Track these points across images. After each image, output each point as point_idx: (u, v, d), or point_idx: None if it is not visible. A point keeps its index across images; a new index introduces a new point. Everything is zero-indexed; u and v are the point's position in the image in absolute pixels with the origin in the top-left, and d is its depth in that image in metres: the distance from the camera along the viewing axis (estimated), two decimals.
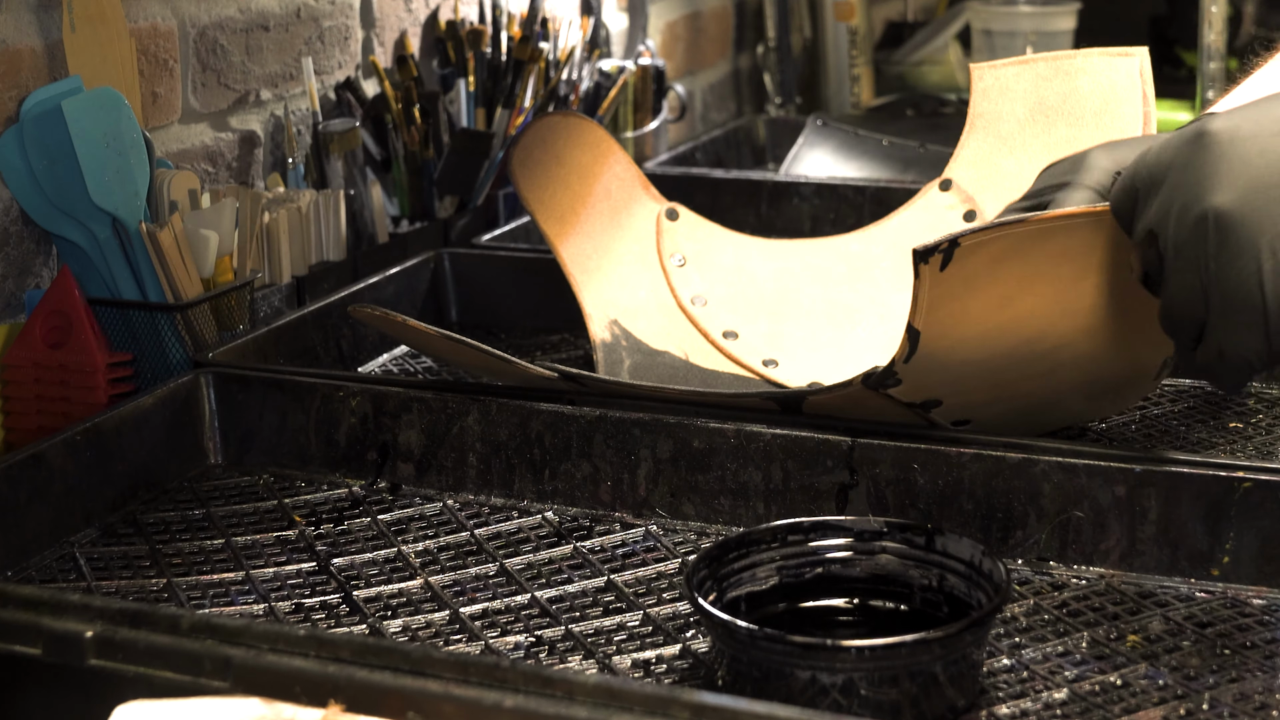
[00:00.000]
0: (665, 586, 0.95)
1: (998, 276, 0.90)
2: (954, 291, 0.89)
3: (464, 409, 1.07)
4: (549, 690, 0.70)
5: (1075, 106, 1.19)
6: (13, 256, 1.18)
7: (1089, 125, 1.19)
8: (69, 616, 0.77)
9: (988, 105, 1.24)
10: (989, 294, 0.90)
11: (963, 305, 0.90)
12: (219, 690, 0.73)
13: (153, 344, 1.17)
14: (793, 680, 0.77)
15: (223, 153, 1.39)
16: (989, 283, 0.90)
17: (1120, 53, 1.19)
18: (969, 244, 0.87)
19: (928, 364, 0.93)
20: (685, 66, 2.17)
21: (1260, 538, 0.91)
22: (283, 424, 1.12)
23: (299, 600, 0.95)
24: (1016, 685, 0.83)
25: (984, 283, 0.90)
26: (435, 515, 1.06)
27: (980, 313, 0.91)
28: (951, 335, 0.92)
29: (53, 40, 1.20)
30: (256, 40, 1.41)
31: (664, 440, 1.03)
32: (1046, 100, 1.21)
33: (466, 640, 0.90)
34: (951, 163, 1.26)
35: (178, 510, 1.07)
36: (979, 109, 1.25)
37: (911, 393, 0.96)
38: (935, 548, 0.86)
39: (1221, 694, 0.81)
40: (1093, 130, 1.18)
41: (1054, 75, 1.21)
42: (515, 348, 1.38)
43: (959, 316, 0.91)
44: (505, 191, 1.59)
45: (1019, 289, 0.90)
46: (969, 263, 0.88)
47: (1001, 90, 1.23)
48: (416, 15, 1.63)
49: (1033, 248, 0.89)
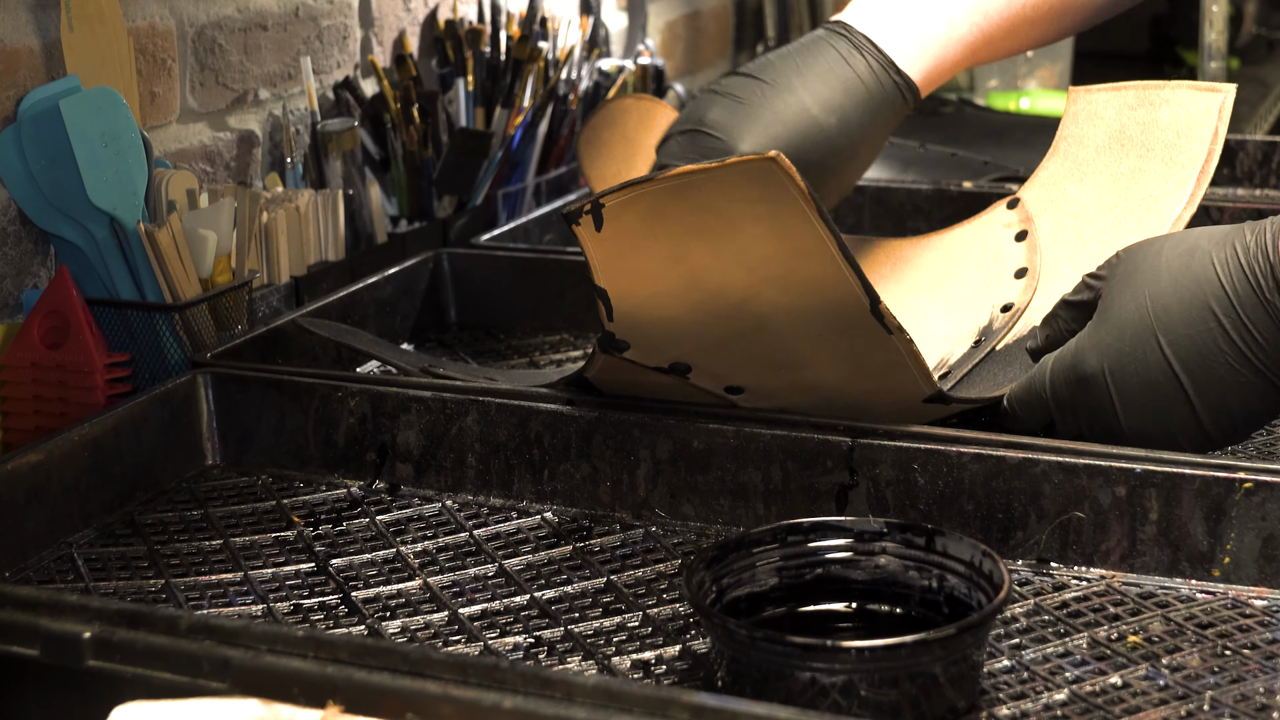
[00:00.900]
0: (665, 587, 0.95)
1: (655, 233, 0.91)
2: (619, 249, 0.92)
3: (463, 409, 1.07)
4: (548, 691, 0.70)
5: (1149, 138, 1.18)
6: (10, 256, 1.18)
7: (1156, 158, 1.17)
8: (67, 617, 0.77)
9: (1074, 129, 1.23)
10: (654, 249, 0.92)
11: (635, 263, 0.93)
12: (217, 691, 0.73)
13: (151, 344, 1.17)
14: (792, 681, 0.77)
15: (221, 152, 1.38)
16: (649, 239, 0.92)
17: (1207, 87, 1.18)
18: (612, 204, 0.90)
19: (635, 323, 0.96)
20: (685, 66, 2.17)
21: (1261, 538, 0.91)
22: (281, 424, 1.11)
23: (297, 601, 0.95)
24: (1017, 686, 0.83)
25: (644, 239, 0.92)
26: (434, 516, 1.06)
27: (656, 269, 0.93)
28: (639, 292, 0.94)
29: (50, 39, 1.20)
30: (255, 40, 1.41)
31: (663, 440, 1.02)
32: (1128, 129, 1.20)
33: (465, 641, 0.90)
34: (1028, 182, 1.25)
35: (176, 511, 1.06)
36: (1066, 132, 1.23)
37: (648, 356, 0.98)
38: (935, 548, 0.86)
39: (1222, 695, 0.81)
40: (1158, 164, 1.17)
41: (1139, 104, 1.20)
42: (515, 348, 1.37)
43: (636, 273, 0.93)
44: (504, 191, 1.59)
45: (681, 244, 0.91)
46: (623, 221, 0.90)
47: (1090, 115, 1.22)
48: (415, 14, 1.62)
49: (675, 202, 0.90)
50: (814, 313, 0.94)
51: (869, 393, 0.99)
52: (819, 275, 0.91)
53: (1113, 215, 1.17)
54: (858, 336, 0.94)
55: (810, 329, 0.95)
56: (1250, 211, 1.47)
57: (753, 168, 0.86)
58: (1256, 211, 1.46)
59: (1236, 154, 1.73)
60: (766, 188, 0.87)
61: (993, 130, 1.88)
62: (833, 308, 0.93)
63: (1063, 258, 1.18)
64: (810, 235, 0.89)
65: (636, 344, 0.98)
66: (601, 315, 0.96)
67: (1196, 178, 1.14)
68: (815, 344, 0.96)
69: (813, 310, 0.94)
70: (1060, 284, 1.16)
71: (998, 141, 1.82)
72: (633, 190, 0.89)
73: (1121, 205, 1.17)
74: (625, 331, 0.97)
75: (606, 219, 0.90)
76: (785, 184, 0.87)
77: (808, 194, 0.87)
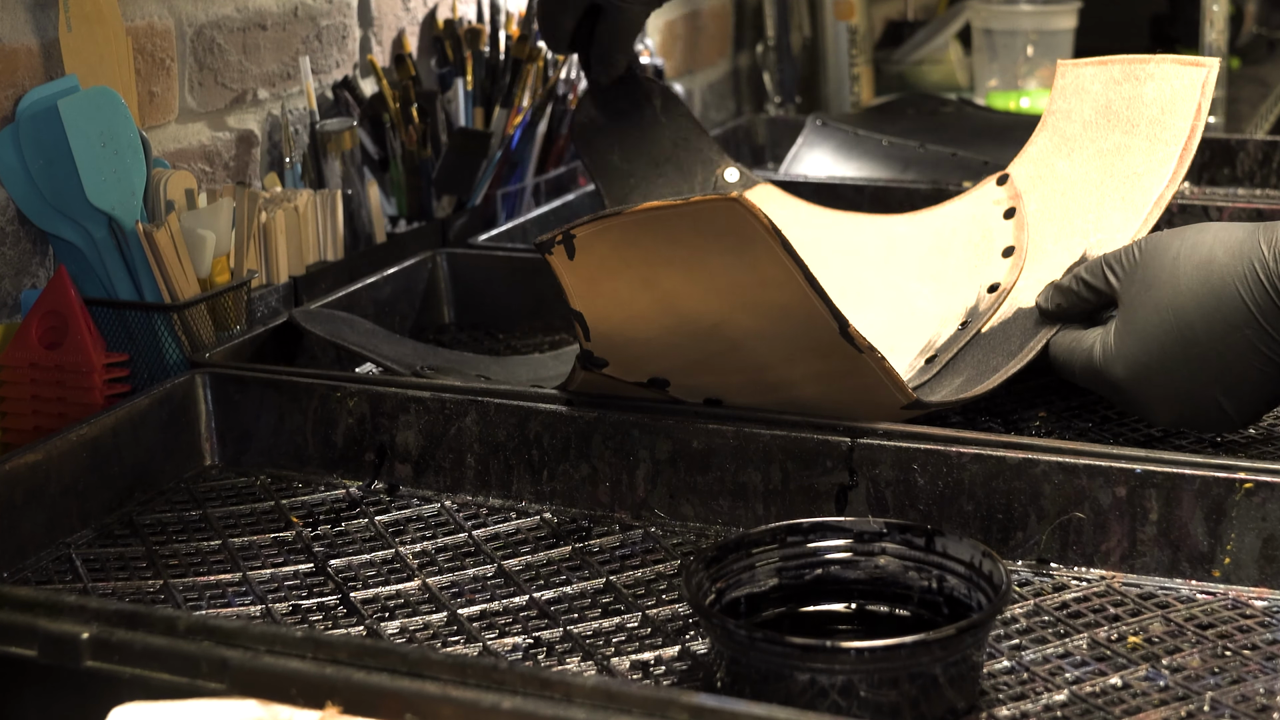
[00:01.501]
0: (664, 588, 0.95)
1: (628, 260, 0.93)
2: (592, 276, 0.93)
3: (462, 409, 1.07)
4: (547, 692, 0.70)
5: (1134, 113, 1.18)
6: (9, 256, 1.18)
7: (1141, 134, 1.18)
8: (65, 618, 0.77)
9: (1062, 103, 1.23)
10: (627, 276, 0.93)
11: (609, 287, 0.94)
12: (216, 692, 0.73)
13: (149, 344, 1.17)
14: (792, 682, 0.77)
15: (220, 152, 1.38)
16: (621, 266, 0.93)
17: (1191, 61, 1.18)
18: (583, 234, 0.91)
19: (612, 343, 0.98)
20: (684, 65, 2.17)
21: (1261, 539, 0.91)
22: (279, 425, 1.11)
23: (296, 602, 0.95)
24: (1017, 687, 0.83)
25: (617, 266, 0.93)
26: (433, 516, 1.05)
27: (629, 293, 0.94)
28: (615, 315, 0.96)
29: (49, 39, 1.20)
30: (254, 39, 1.41)
31: (663, 441, 1.02)
32: (1114, 104, 1.20)
33: (464, 642, 0.90)
34: (1017, 158, 1.26)
35: (174, 511, 1.06)
36: (1054, 106, 1.24)
37: (627, 372, 1.00)
38: (935, 549, 0.86)
39: (1223, 696, 0.81)
40: (1143, 140, 1.17)
41: (1125, 79, 1.20)
42: (513, 348, 1.37)
43: (610, 297, 0.95)
44: (504, 191, 1.59)
45: (653, 271, 0.93)
46: (595, 250, 0.92)
47: (1078, 89, 1.22)
48: (414, 14, 1.62)
49: (644, 234, 0.91)
50: (786, 336, 0.95)
51: (847, 404, 1.00)
52: (788, 303, 0.92)
53: (1098, 193, 1.18)
54: (830, 356, 0.96)
55: (783, 350, 0.97)
56: (1250, 212, 1.46)
57: (717, 207, 0.87)
58: (1256, 212, 1.46)
59: (1237, 154, 1.73)
60: (731, 223, 0.88)
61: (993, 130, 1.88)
62: (803, 331, 0.94)
63: (1049, 236, 1.19)
64: (777, 266, 0.90)
65: (615, 361, 0.99)
66: (579, 336, 0.98)
67: (1179, 155, 1.15)
68: (789, 364, 0.98)
69: (784, 334, 0.95)
70: (1046, 263, 1.16)
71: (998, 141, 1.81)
72: (603, 222, 0.91)
73: (1106, 183, 1.18)
74: (603, 350, 0.98)
75: (579, 248, 0.92)
76: (749, 220, 0.87)
77: (771, 229, 0.88)
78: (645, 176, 1.38)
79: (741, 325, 0.95)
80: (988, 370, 1.08)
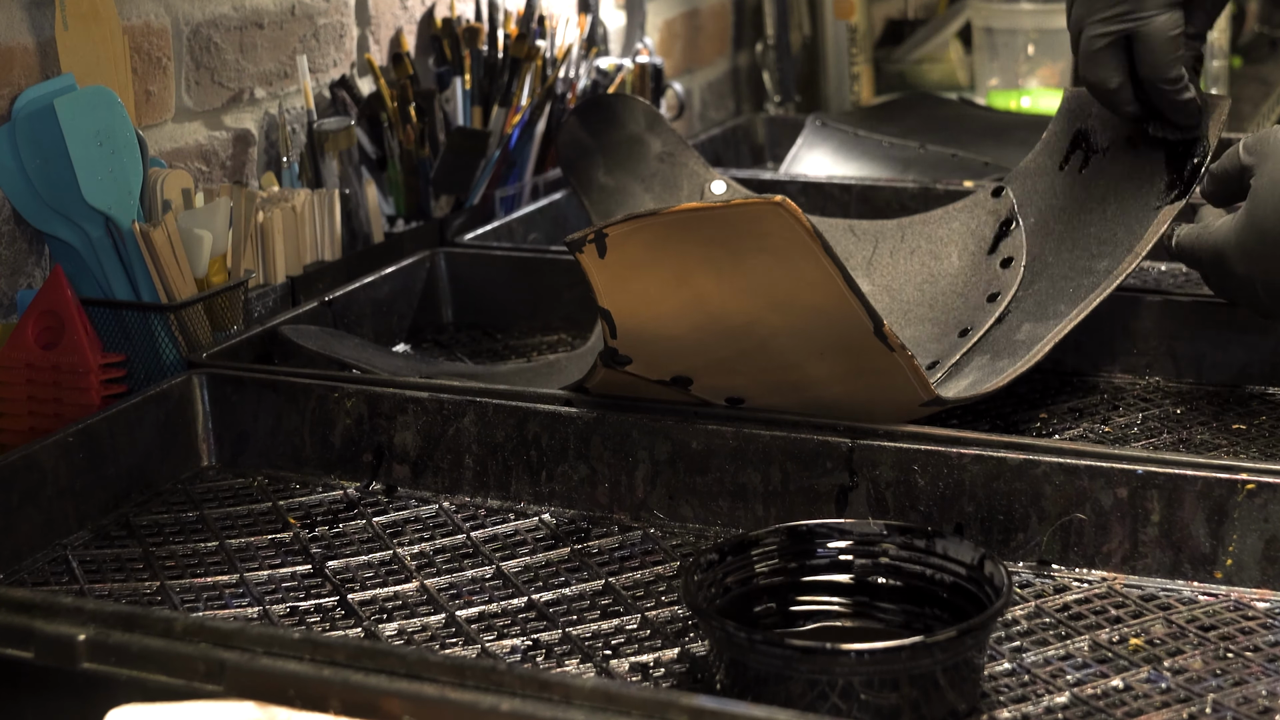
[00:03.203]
0: (663, 589, 0.95)
1: (660, 260, 0.93)
2: (623, 275, 0.94)
3: (460, 410, 1.07)
4: (546, 694, 0.70)
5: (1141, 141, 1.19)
6: (4, 256, 1.18)
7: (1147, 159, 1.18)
8: (61, 620, 0.77)
9: (1062, 126, 1.24)
10: (658, 275, 0.94)
11: (639, 286, 0.95)
12: (213, 694, 0.73)
13: (146, 344, 1.17)
14: (791, 684, 0.76)
15: (217, 151, 1.38)
16: (653, 266, 0.93)
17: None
18: (615, 234, 0.91)
19: (639, 340, 0.97)
20: (683, 64, 2.16)
21: (1264, 540, 0.91)
22: (277, 425, 1.11)
23: (293, 603, 0.94)
24: (1018, 689, 0.82)
25: (649, 266, 0.93)
26: (431, 517, 1.05)
27: (659, 292, 0.95)
28: (643, 313, 0.96)
29: (45, 38, 1.19)
30: (251, 38, 1.40)
31: (662, 442, 1.02)
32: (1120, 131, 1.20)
33: (463, 644, 0.89)
34: (1015, 170, 1.27)
35: (171, 512, 1.06)
36: (1056, 127, 1.24)
37: (651, 369, 1.00)
38: (935, 550, 0.86)
39: (1225, 698, 0.80)
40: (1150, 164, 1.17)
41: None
42: (512, 348, 1.37)
43: (640, 296, 0.95)
44: (502, 191, 1.59)
45: (686, 270, 0.93)
46: (626, 249, 0.92)
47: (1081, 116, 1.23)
48: (412, 13, 1.62)
49: (677, 234, 0.91)
50: (817, 334, 0.95)
51: (868, 401, 1.00)
52: (822, 303, 0.93)
53: (1100, 207, 1.18)
54: (860, 354, 0.96)
55: (812, 347, 0.97)
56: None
57: (761, 210, 0.88)
58: None
59: None
60: (773, 227, 0.88)
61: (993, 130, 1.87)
62: (836, 330, 0.94)
63: (1048, 248, 1.19)
64: (817, 269, 0.90)
65: (639, 359, 0.99)
66: (605, 333, 0.97)
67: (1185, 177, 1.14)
68: (816, 360, 0.98)
69: (816, 331, 0.95)
70: (1045, 274, 1.16)
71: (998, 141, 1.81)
72: (637, 221, 0.91)
73: (1109, 196, 1.18)
74: (628, 348, 0.98)
75: (610, 247, 0.92)
76: (792, 225, 0.88)
77: (813, 232, 0.88)
78: (632, 193, 1.38)
79: (772, 324, 0.95)
80: (994, 372, 1.08)
